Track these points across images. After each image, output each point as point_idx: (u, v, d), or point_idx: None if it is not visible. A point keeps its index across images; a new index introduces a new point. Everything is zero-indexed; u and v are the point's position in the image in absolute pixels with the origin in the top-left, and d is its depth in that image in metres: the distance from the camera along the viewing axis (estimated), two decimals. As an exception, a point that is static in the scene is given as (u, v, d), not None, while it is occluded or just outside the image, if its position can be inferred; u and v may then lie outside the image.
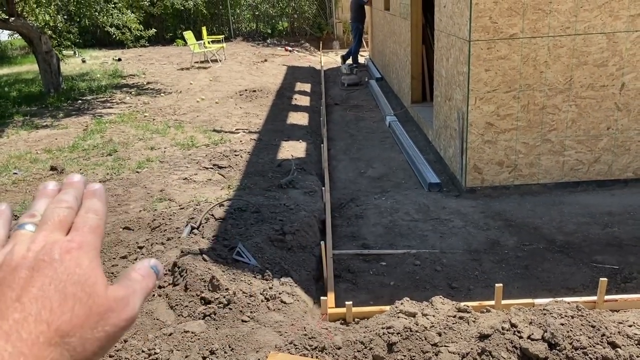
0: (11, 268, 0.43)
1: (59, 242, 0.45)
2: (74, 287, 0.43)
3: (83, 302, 0.43)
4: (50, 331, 0.41)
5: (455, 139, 5.30)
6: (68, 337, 0.42)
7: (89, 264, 0.45)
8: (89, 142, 7.31)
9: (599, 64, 4.71)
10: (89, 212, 0.49)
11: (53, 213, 0.48)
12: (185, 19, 18.96)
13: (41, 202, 0.51)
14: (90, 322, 0.43)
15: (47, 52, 9.91)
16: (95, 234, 0.48)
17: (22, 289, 0.42)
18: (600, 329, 2.84)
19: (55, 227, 0.47)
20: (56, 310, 0.42)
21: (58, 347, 0.41)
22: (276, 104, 9.44)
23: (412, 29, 7.59)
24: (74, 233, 0.47)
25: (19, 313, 0.41)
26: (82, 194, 0.51)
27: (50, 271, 0.43)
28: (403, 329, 2.89)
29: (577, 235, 4.27)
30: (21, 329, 0.40)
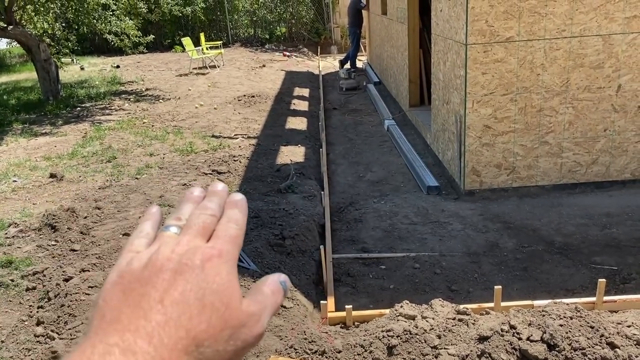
0: (156, 269, 0.44)
1: (201, 248, 0.45)
2: (213, 296, 0.43)
3: (220, 313, 0.43)
4: (188, 338, 0.40)
5: (453, 142, 5.32)
6: (203, 347, 0.41)
7: (227, 275, 0.44)
8: (88, 149, 7.32)
9: (595, 66, 4.74)
10: (230, 222, 0.49)
11: (198, 219, 0.48)
12: (184, 26, 19.02)
13: (187, 206, 0.51)
14: (224, 335, 0.42)
15: (46, 60, 9.93)
16: (235, 244, 0.47)
17: (165, 292, 0.42)
18: (599, 330, 2.84)
19: (198, 233, 0.47)
20: (195, 318, 0.41)
21: (192, 356, 0.40)
22: (275, 109, 9.47)
23: (409, 33, 7.62)
24: (215, 240, 0.47)
25: (161, 315, 0.41)
26: (225, 203, 0.52)
27: (192, 277, 0.43)
28: (403, 332, 2.89)
29: (576, 236, 4.28)
30: (163, 332, 0.40)
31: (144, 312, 0.41)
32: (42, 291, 3.77)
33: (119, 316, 0.41)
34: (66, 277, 3.85)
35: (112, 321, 0.41)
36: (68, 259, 4.17)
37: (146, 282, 0.43)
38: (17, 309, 3.61)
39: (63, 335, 3.19)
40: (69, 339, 3.11)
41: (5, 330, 3.39)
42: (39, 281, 3.89)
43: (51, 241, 4.50)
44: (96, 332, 0.41)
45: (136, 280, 0.43)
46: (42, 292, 3.75)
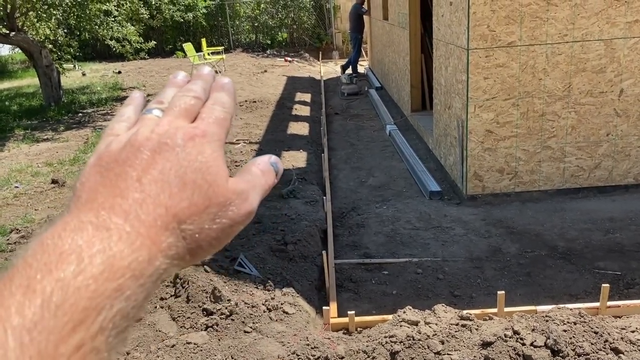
0: (134, 148, 0.42)
1: (183, 128, 0.44)
2: (195, 174, 0.42)
3: (203, 190, 0.42)
4: (167, 215, 0.40)
5: (455, 147, 5.31)
6: (185, 224, 0.40)
7: (212, 153, 0.43)
8: (89, 155, 7.31)
9: (597, 70, 4.73)
10: (216, 104, 0.47)
11: (180, 100, 0.47)
12: (185, 31, 19.07)
13: (170, 90, 0.50)
14: (208, 212, 0.41)
15: (48, 66, 9.96)
16: (221, 126, 0.46)
17: (143, 170, 0.41)
18: (603, 335, 2.83)
19: (180, 114, 0.46)
20: (175, 195, 0.41)
21: (174, 233, 0.40)
22: (276, 114, 9.47)
23: (410, 38, 7.63)
24: (199, 122, 0.45)
25: (138, 193, 0.40)
26: (211, 87, 0.50)
27: (172, 155, 0.42)
28: (406, 337, 2.88)
29: (579, 241, 4.26)
30: (140, 210, 0.39)
31: (120, 190, 0.40)
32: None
33: (95, 196, 0.40)
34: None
35: (87, 201, 0.40)
36: (70, 265, 4.16)
37: (124, 162, 0.42)
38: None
39: (65, 341, 3.18)
40: (71, 346, 3.10)
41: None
42: (40, 287, 3.88)
43: (53, 247, 4.49)
44: (70, 212, 0.40)
45: (114, 161, 0.42)
46: None
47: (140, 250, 0.37)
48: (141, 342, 3.06)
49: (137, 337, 3.10)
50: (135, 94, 0.52)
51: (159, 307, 3.39)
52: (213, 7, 19.09)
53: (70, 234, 0.37)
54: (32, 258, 0.36)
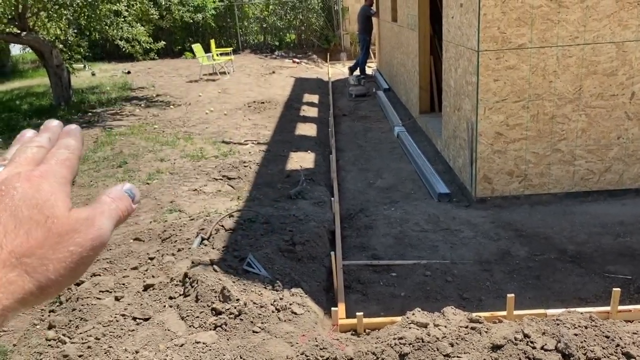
0: None
1: (21, 173, 0.45)
2: (30, 210, 0.43)
3: (41, 223, 0.43)
4: (4, 253, 0.40)
5: (464, 149, 5.29)
6: (25, 257, 0.41)
7: (50, 188, 0.44)
8: (99, 154, 7.37)
9: (609, 73, 4.70)
10: (61, 148, 0.49)
11: (23, 152, 0.48)
12: (194, 32, 19.14)
13: (14, 148, 0.51)
14: (49, 243, 0.42)
15: (58, 66, 10.03)
16: (64, 165, 0.47)
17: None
18: (614, 340, 2.81)
19: (23, 163, 0.47)
20: (10, 233, 0.41)
21: (15, 269, 0.40)
22: (284, 115, 9.48)
23: (420, 39, 7.62)
24: (41, 165, 0.47)
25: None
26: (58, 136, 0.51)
27: (7, 199, 0.43)
28: (415, 339, 2.87)
29: (589, 245, 4.24)
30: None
31: None
32: (53, 295, 3.78)
33: None
34: (77, 281, 3.86)
35: None
36: (79, 264, 4.18)
37: None
38: (29, 312, 3.62)
39: (74, 339, 3.19)
40: (81, 343, 3.12)
41: (17, 334, 3.40)
42: (50, 285, 3.90)
43: (62, 245, 4.52)
44: None
45: None
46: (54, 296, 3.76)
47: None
48: (150, 341, 3.07)
49: (145, 336, 3.11)
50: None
51: (168, 306, 3.39)
52: (222, 8, 19.15)
53: None
54: None
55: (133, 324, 3.26)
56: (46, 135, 0.51)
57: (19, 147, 0.50)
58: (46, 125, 0.52)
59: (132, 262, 4.14)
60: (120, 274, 3.98)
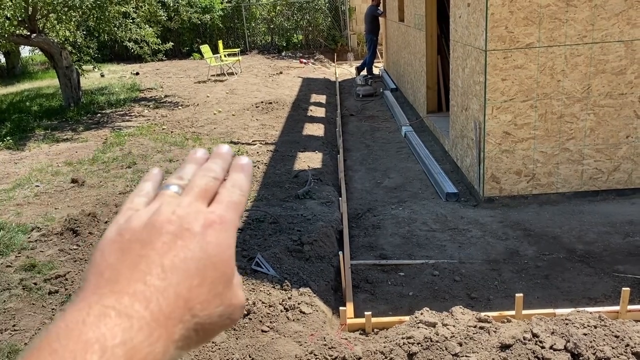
0: (156, 230, 0.42)
1: (202, 212, 0.44)
2: (213, 272, 0.42)
3: (218, 290, 0.42)
4: (185, 308, 0.40)
5: (472, 149, 5.29)
6: (197, 317, 0.41)
7: (227, 248, 0.44)
8: (108, 155, 7.42)
9: (617, 72, 4.68)
10: (234, 187, 0.48)
11: (200, 180, 0.47)
12: (202, 33, 19.21)
13: (189, 167, 0.50)
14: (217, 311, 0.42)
15: (68, 67, 10.11)
16: (236, 210, 0.46)
17: (165, 256, 0.41)
18: (624, 339, 2.80)
19: (200, 195, 0.46)
20: (194, 289, 0.41)
21: (187, 325, 0.40)
22: (292, 115, 9.50)
23: (427, 39, 7.61)
24: (216, 205, 0.46)
25: (160, 281, 0.40)
26: (229, 166, 0.51)
27: (193, 243, 0.42)
28: (423, 339, 2.88)
29: (598, 244, 4.22)
30: (161, 299, 0.39)
31: (142, 274, 0.40)
32: (64, 295, 3.82)
33: (117, 277, 0.40)
34: (88, 281, 3.89)
35: (109, 281, 0.40)
36: (89, 263, 4.22)
37: (146, 243, 0.42)
38: (40, 312, 3.66)
39: (85, 338, 3.22)
40: (91, 342, 3.15)
41: (29, 333, 3.44)
42: (61, 285, 3.95)
43: (73, 245, 4.56)
44: (93, 291, 0.40)
45: (136, 239, 0.42)
46: (65, 296, 3.80)
47: (157, 342, 0.38)
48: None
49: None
50: (154, 170, 0.52)
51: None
52: (229, 9, 19.21)
53: (95, 321, 0.37)
54: (57, 342, 0.36)
55: (143, 323, 3.28)
56: (220, 165, 0.50)
57: (196, 172, 0.49)
58: (218, 152, 0.52)
59: (142, 261, 4.17)
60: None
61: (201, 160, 0.51)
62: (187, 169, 0.50)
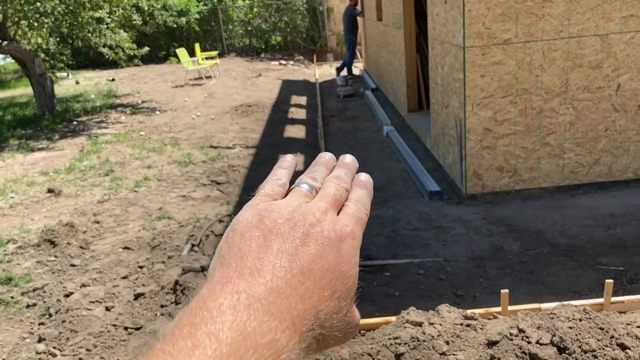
0: (299, 228, 0.43)
1: (339, 222, 0.45)
2: (342, 285, 0.42)
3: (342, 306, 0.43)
4: (315, 318, 0.40)
5: (453, 146, 5.29)
6: (323, 329, 0.41)
7: (356, 264, 0.44)
8: (85, 163, 7.28)
9: (594, 66, 4.72)
10: (360, 204, 0.49)
11: (333, 188, 0.48)
12: (178, 37, 19.03)
13: (320, 169, 0.52)
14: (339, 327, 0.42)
15: (41, 75, 9.91)
16: (362, 228, 0.48)
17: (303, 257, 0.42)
18: (608, 331, 2.80)
19: (333, 203, 0.47)
20: (325, 301, 0.41)
21: (313, 334, 0.40)
22: (272, 118, 9.45)
23: (405, 38, 7.62)
24: (348, 218, 0.47)
25: (300, 284, 0.40)
26: (354, 177, 0.52)
27: (331, 253, 0.43)
28: (410, 339, 2.85)
29: (581, 238, 4.24)
30: (300, 304, 0.40)
31: (284, 272, 0.40)
32: (42, 307, 3.72)
33: (261, 267, 0.40)
34: (67, 293, 3.80)
35: (252, 270, 0.40)
36: (68, 274, 4.12)
37: (287, 238, 0.42)
38: (18, 326, 3.56)
39: (65, 351, 3.13)
40: (72, 355, 3.06)
41: (7, 348, 3.33)
42: (39, 297, 3.84)
43: (50, 257, 4.45)
44: (237, 274, 0.40)
45: (278, 232, 0.43)
46: (43, 309, 3.70)
47: (294, 347, 0.38)
48: (142, 351, 3.02)
49: (137, 346, 3.06)
50: (288, 157, 0.54)
51: (160, 314, 3.35)
52: (206, 12, 19.07)
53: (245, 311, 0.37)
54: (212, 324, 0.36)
55: (124, 334, 3.21)
56: (349, 175, 0.51)
57: (329, 178, 0.50)
58: (345, 161, 0.53)
59: (122, 271, 4.08)
60: (110, 284, 3.92)
61: (330, 164, 0.53)
62: (319, 171, 0.51)
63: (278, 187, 0.49)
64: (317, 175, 0.51)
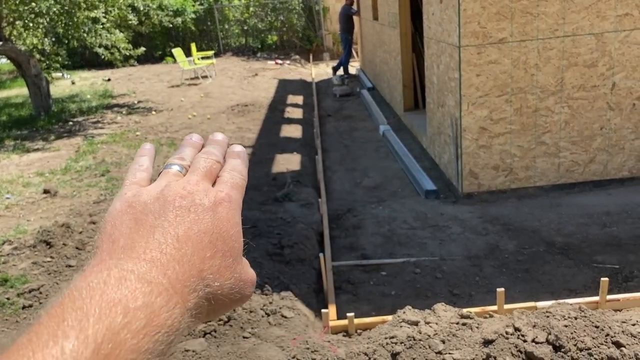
0: (168, 203, 0.44)
1: (211, 190, 0.46)
2: (224, 245, 0.44)
3: (228, 263, 0.44)
4: (199, 278, 0.41)
5: (449, 145, 5.30)
6: (210, 287, 0.42)
7: (236, 224, 0.46)
8: (81, 164, 7.26)
9: (589, 64, 4.73)
10: (234, 171, 0.50)
11: (204, 162, 0.49)
12: (174, 37, 19.00)
13: (187, 149, 0.52)
14: (228, 284, 0.43)
15: (36, 75, 9.88)
16: (240, 192, 0.49)
17: (179, 227, 0.42)
18: (604, 329, 2.81)
19: (205, 175, 0.48)
20: (207, 261, 0.42)
21: (201, 294, 0.41)
22: (269, 117, 9.44)
23: (401, 37, 7.62)
24: (222, 185, 0.48)
25: (176, 251, 0.41)
26: (226, 152, 0.53)
27: (205, 217, 0.44)
28: (406, 338, 2.85)
29: (577, 236, 4.26)
30: (178, 267, 0.40)
31: (158, 244, 0.41)
32: (38, 309, 3.71)
33: (133, 244, 0.41)
34: (62, 294, 3.78)
35: (125, 248, 0.41)
36: (64, 275, 4.11)
37: (159, 214, 0.43)
38: (14, 327, 3.55)
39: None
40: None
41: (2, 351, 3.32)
42: (35, 299, 3.83)
43: (47, 257, 4.44)
44: (109, 255, 0.41)
45: (148, 211, 0.44)
46: (39, 310, 3.69)
47: (174, 308, 0.39)
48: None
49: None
50: (147, 145, 0.54)
51: (156, 315, 3.34)
52: (202, 11, 19.04)
53: (116, 283, 0.37)
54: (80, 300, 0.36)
55: (121, 335, 3.20)
56: (219, 150, 0.52)
57: (198, 155, 0.51)
58: (215, 138, 0.54)
59: (118, 271, 4.07)
60: (106, 285, 3.91)
61: (197, 144, 0.54)
62: (187, 151, 0.52)
63: (141, 173, 0.50)
64: (185, 155, 0.51)
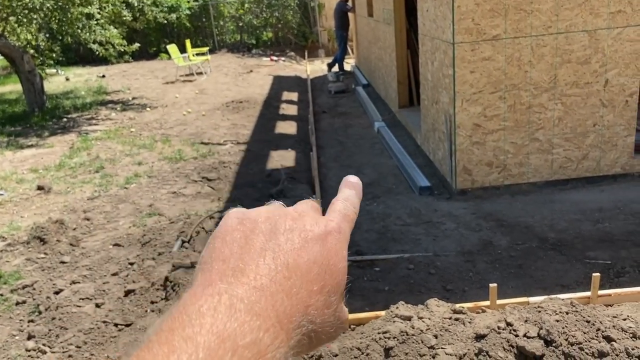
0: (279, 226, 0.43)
1: (322, 218, 0.45)
2: (332, 278, 0.42)
3: (333, 301, 0.42)
4: (304, 313, 0.39)
5: (443, 142, 5.31)
6: (314, 325, 0.40)
7: (344, 258, 0.44)
8: (75, 160, 7.24)
9: (582, 61, 4.75)
10: (348, 202, 0.49)
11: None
12: (169, 33, 18.93)
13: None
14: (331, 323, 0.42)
15: (30, 72, 9.83)
16: (350, 224, 0.47)
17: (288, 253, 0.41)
18: (595, 324, 2.83)
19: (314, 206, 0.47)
20: (314, 295, 0.40)
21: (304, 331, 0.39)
22: (264, 114, 9.43)
23: (396, 34, 7.63)
24: (333, 214, 0.46)
25: (285, 280, 0.39)
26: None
27: (315, 247, 0.42)
28: (399, 333, 2.87)
29: (569, 232, 4.28)
30: (286, 300, 0.38)
31: (269, 270, 0.39)
32: (32, 305, 3.70)
33: (244, 267, 0.39)
34: (56, 290, 3.78)
35: (235, 270, 0.39)
36: (58, 272, 4.11)
37: (269, 236, 0.42)
38: (7, 323, 3.54)
39: (55, 348, 3.13)
40: (61, 352, 3.05)
41: None
42: (28, 295, 3.83)
43: (40, 254, 4.43)
44: (219, 277, 0.39)
45: (259, 231, 0.42)
46: (33, 306, 3.69)
47: (279, 347, 0.37)
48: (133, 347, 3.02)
49: (128, 342, 3.06)
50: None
51: (150, 311, 3.35)
52: (197, 7, 18.98)
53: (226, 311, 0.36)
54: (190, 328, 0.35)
55: (115, 331, 3.21)
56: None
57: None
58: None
59: (112, 268, 4.07)
60: (100, 281, 3.91)
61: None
62: None
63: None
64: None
